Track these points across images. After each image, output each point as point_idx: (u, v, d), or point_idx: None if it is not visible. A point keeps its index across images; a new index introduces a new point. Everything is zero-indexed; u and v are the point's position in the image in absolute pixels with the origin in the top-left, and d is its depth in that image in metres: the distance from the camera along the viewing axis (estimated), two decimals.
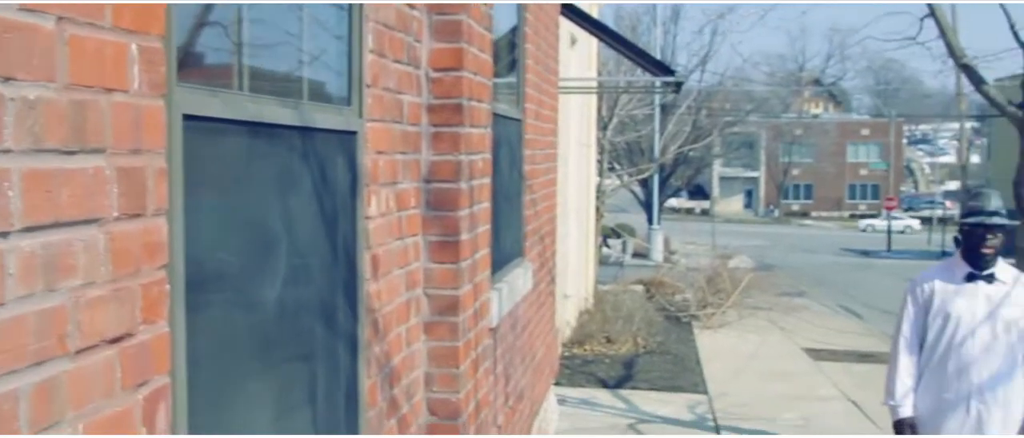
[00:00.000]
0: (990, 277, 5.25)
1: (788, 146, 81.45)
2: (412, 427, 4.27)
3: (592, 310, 14.41)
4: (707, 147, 40.26)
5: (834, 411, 10.78)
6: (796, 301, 19.23)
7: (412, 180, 4.15)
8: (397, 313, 4.00)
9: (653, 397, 10.95)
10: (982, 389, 5.20)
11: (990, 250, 5.21)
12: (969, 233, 5.27)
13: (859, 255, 45.44)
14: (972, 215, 5.26)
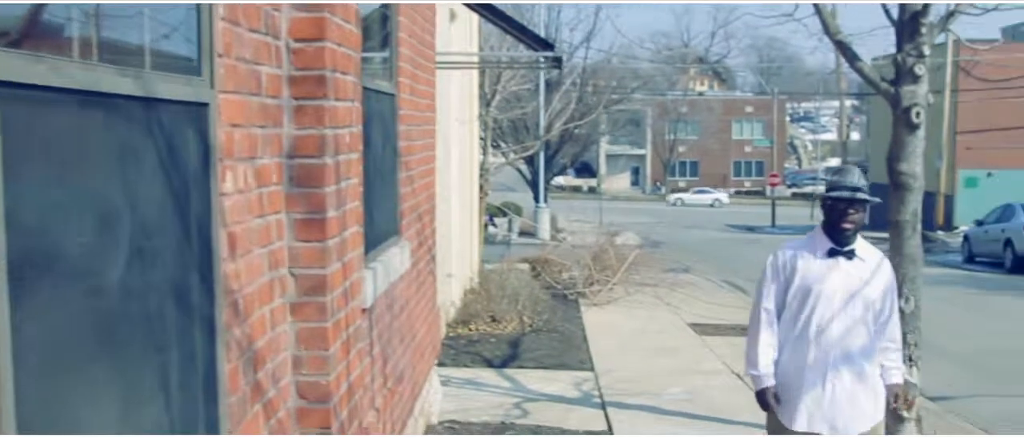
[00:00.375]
0: (851, 253, 5.24)
1: (674, 123, 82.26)
2: (280, 411, 4.10)
3: (477, 289, 14.30)
4: (593, 124, 40.40)
5: (719, 384, 10.85)
6: (682, 277, 19.38)
7: (273, 155, 3.97)
8: (260, 294, 3.82)
9: (539, 375, 10.89)
10: (840, 366, 5.19)
11: (850, 225, 5.19)
12: (831, 208, 5.24)
13: (744, 231, 46.09)
14: (834, 190, 5.24)
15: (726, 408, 9.69)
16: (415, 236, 7.02)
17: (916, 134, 8.09)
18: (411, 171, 6.73)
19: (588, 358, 12.07)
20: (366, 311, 5.17)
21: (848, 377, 5.19)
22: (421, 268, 7.40)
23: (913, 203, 8.04)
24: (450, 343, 12.07)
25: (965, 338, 14.75)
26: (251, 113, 3.68)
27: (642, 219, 29.19)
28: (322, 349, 4.29)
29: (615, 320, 15.04)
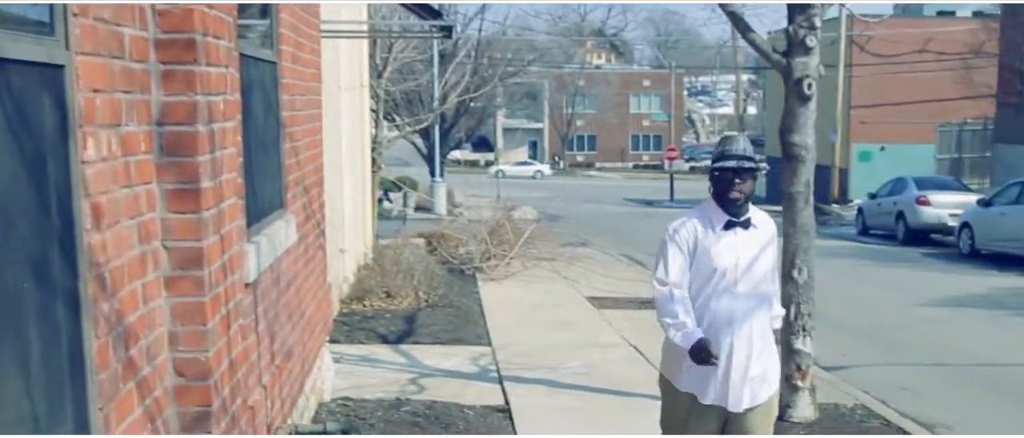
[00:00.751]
0: (747, 223, 5.13)
1: (571, 97, 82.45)
2: (156, 389, 3.92)
3: (372, 265, 14.09)
4: (489, 97, 40.26)
5: (617, 357, 10.83)
6: (580, 251, 19.38)
7: (141, 122, 3.77)
8: (130, 267, 3.63)
9: (436, 351, 10.76)
10: (744, 338, 5.07)
11: (739, 194, 5.06)
12: (719, 178, 5.10)
13: (642, 205, 46.39)
14: (721, 159, 5.10)
15: (624, 381, 9.66)
16: (302, 210, 6.84)
17: (808, 106, 8.12)
18: (296, 142, 6.53)
19: (485, 333, 11.97)
20: (249, 286, 5.00)
21: (752, 349, 5.10)
22: (309, 242, 7.22)
23: (805, 175, 8.08)
24: (344, 320, 11.87)
25: (859, 309, 14.97)
26: (114, 77, 3.48)
27: (540, 193, 29.21)
28: (200, 324, 4.12)
29: (513, 294, 14.96)
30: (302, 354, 6.79)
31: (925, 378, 10.75)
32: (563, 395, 9.07)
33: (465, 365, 10.21)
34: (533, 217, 20.11)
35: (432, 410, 7.93)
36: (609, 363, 10.46)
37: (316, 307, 7.52)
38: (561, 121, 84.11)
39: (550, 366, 10.19)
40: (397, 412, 7.82)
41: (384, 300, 12.92)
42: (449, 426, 7.49)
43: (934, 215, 26.56)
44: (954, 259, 22.68)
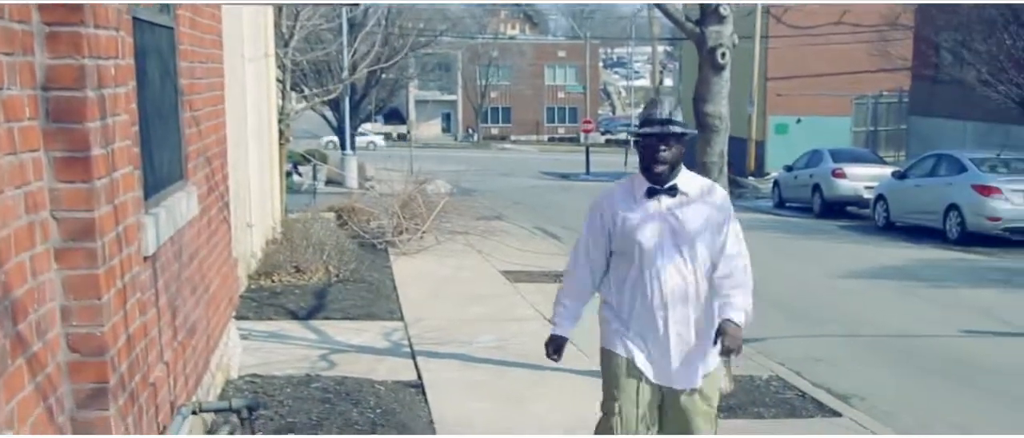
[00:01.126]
0: (673, 190, 4.81)
1: (485, 68, 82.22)
2: (49, 366, 3.72)
3: (280, 239, 13.81)
4: (401, 68, 39.88)
5: (530, 331, 10.72)
6: (494, 224, 19.28)
7: (25, 86, 3.55)
8: (16, 238, 3.42)
9: (347, 326, 10.57)
10: (674, 316, 4.82)
11: (664, 163, 4.75)
12: (644, 145, 4.81)
13: (558, 178, 46.47)
14: (645, 125, 4.80)
15: (537, 354, 9.44)
16: (204, 181, 6.61)
17: (722, 75, 8.07)
18: (196, 111, 6.29)
19: (397, 308, 11.81)
20: (148, 259, 4.79)
21: (682, 328, 4.84)
22: (213, 215, 6.99)
23: (719, 144, 8.05)
24: (252, 295, 11.62)
25: (775, 282, 15.03)
26: None
27: (454, 166, 29.00)
28: (94, 298, 3.93)
29: (426, 268, 14.80)
30: (207, 330, 6.59)
31: (840, 349, 10.83)
32: (476, 369, 8.96)
33: (377, 340, 10.05)
34: (447, 190, 19.91)
35: (343, 386, 7.76)
36: (523, 337, 10.35)
37: (221, 282, 7.30)
38: (475, 93, 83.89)
39: (463, 340, 10.07)
40: (307, 389, 7.63)
41: (293, 275, 12.67)
42: (360, 402, 7.33)
43: (850, 188, 26.85)
44: (870, 231, 22.98)
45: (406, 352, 9.58)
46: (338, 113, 35.05)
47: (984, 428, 7.98)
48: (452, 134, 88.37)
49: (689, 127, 4.93)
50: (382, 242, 16.50)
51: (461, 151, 68.31)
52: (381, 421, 6.97)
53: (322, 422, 6.76)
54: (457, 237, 17.29)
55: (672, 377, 4.88)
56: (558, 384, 8.45)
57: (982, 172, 20.79)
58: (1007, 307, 13.13)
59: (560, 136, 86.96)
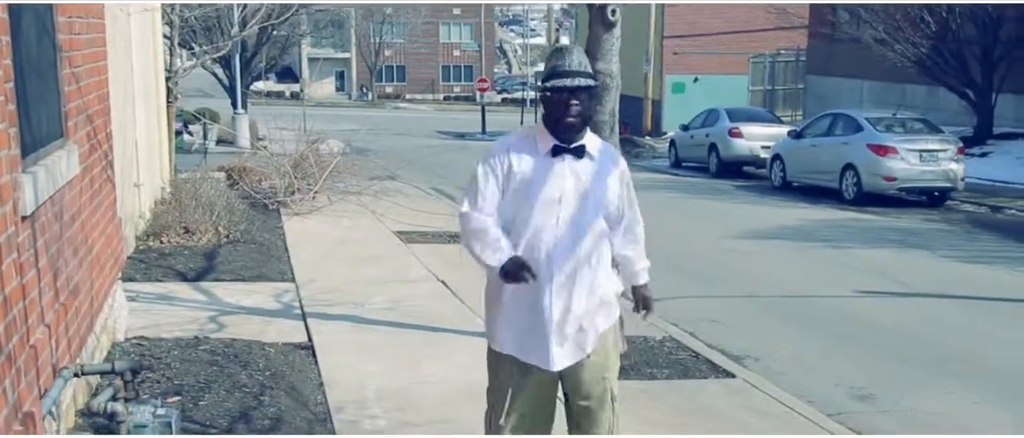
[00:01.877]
0: (580, 151, 4.48)
1: (379, 25, 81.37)
2: None
3: (169, 200, 13.54)
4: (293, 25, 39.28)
5: (423, 292, 10.72)
6: (388, 184, 19.17)
7: None
8: None
9: (237, 288, 10.42)
10: (572, 277, 4.47)
11: (575, 119, 4.41)
12: (551, 99, 4.44)
13: (454, 137, 46.37)
14: (554, 77, 4.41)
15: (430, 315, 9.56)
16: (86, 140, 6.43)
17: (612, 32, 8.06)
18: (76, 68, 6.11)
19: (289, 269, 11.68)
20: (27, 219, 4.66)
21: (579, 294, 4.50)
22: (96, 175, 6.81)
23: (611, 102, 8.04)
24: (140, 257, 11.39)
25: (671, 242, 15.16)
26: None
27: (347, 125, 28.69)
28: None
29: (318, 229, 14.67)
30: (91, 292, 6.44)
31: (736, 310, 10.97)
32: (368, 331, 8.91)
33: (267, 302, 9.93)
34: (339, 150, 19.71)
35: (231, 348, 7.66)
36: (416, 298, 10.33)
37: (105, 243, 7.14)
38: (369, 51, 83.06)
39: (355, 302, 10.00)
40: (195, 351, 7.51)
41: (183, 236, 12.45)
42: (249, 364, 7.24)
43: (746, 147, 27.01)
44: (766, 191, 23.24)
45: (297, 314, 9.49)
46: (229, 71, 34.45)
47: (874, 386, 8.15)
48: (346, 93, 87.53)
49: (597, 81, 4.70)
50: (274, 202, 16.31)
51: (355, 110, 67.64)
52: (270, 383, 6.89)
53: (210, 384, 6.66)
54: (350, 197, 17.15)
55: (564, 353, 4.54)
56: (451, 344, 8.46)
57: (878, 132, 21.05)
58: (901, 267, 13.41)
59: (456, 95, 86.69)
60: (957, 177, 20.45)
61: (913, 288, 12.11)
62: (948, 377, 8.49)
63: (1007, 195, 22.01)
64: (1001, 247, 15.64)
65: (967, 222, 18.47)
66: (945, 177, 20.40)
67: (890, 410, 7.66)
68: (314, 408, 6.72)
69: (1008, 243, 15.96)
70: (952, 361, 9.00)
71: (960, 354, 9.23)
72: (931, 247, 15.22)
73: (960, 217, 19.22)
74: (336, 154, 18.68)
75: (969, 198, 21.13)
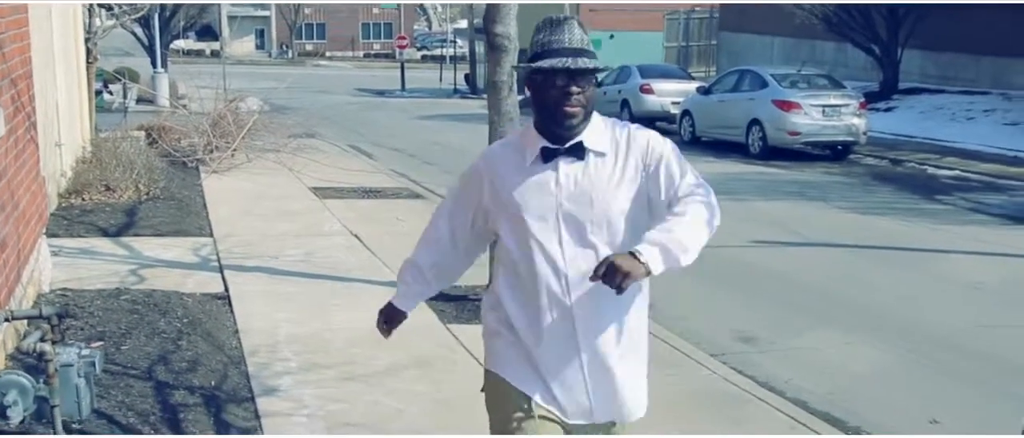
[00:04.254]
0: (578, 149, 3.37)
1: None
2: None
3: (90, 158, 13.83)
4: None
5: (336, 244, 11.18)
6: (306, 142, 19.47)
7: None
8: None
9: (157, 243, 10.81)
10: (587, 317, 3.36)
11: (577, 110, 3.33)
12: (542, 85, 3.34)
13: (374, 95, 46.48)
14: (545, 56, 3.32)
15: (342, 266, 10.04)
16: (10, 102, 6.81)
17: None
18: (0, 34, 6.49)
19: (207, 224, 12.08)
20: None
21: (601, 339, 3.39)
22: (20, 135, 7.20)
23: (508, 63, 8.47)
24: (62, 214, 11.72)
25: None
26: None
27: (267, 84, 28.88)
28: None
29: (236, 186, 15.04)
30: (17, 245, 6.83)
31: None
32: (283, 281, 9.36)
33: (186, 256, 10.34)
34: (258, 108, 19.99)
35: (151, 298, 8.08)
36: (330, 250, 10.80)
37: (30, 199, 7.52)
38: (289, 9, 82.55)
39: (271, 255, 10.44)
40: (116, 301, 7.93)
41: (104, 194, 12.78)
42: (168, 312, 7.68)
43: (657, 103, 27.34)
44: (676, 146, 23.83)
45: (214, 266, 9.91)
46: (148, 31, 34.40)
47: (759, 329, 8.74)
48: (266, 51, 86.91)
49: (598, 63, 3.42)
50: (193, 160, 16.63)
51: (275, 68, 67.25)
52: (188, 330, 7.34)
53: (131, 331, 7.09)
54: (268, 155, 17.50)
55: (590, 410, 3.45)
56: (358, 293, 8.95)
57: (783, 87, 21.60)
58: (797, 218, 13.99)
59: (376, 52, 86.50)
60: (859, 131, 21.16)
61: (806, 238, 12.68)
62: (827, 319, 9.10)
63: (908, 149, 22.86)
64: (897, 198, 16.33)
65: (867, 175, 19.19)
66: (847, 131, 21.10)
67: (767, 350, 8.24)
68: (229, 352, 7.17)
69: (904, 194, 16.68)
70: (834, 306, 9.60)
71: (842, 299, 9.85)
72: (828, 199, 15.91)
73: (861, 170, 19.91)
74: (255, 112, 18.97)
75: (872, 152, 21.88)
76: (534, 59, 3.36)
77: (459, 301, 8.78)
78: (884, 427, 6.43)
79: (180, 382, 6.27)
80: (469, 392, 6.45)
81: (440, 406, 6.26)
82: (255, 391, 6.36)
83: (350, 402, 6.24)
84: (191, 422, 5.66)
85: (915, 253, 12.02)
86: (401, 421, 5.95)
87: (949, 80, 29.37)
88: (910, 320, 9.02)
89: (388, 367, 6.91)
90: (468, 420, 5.94)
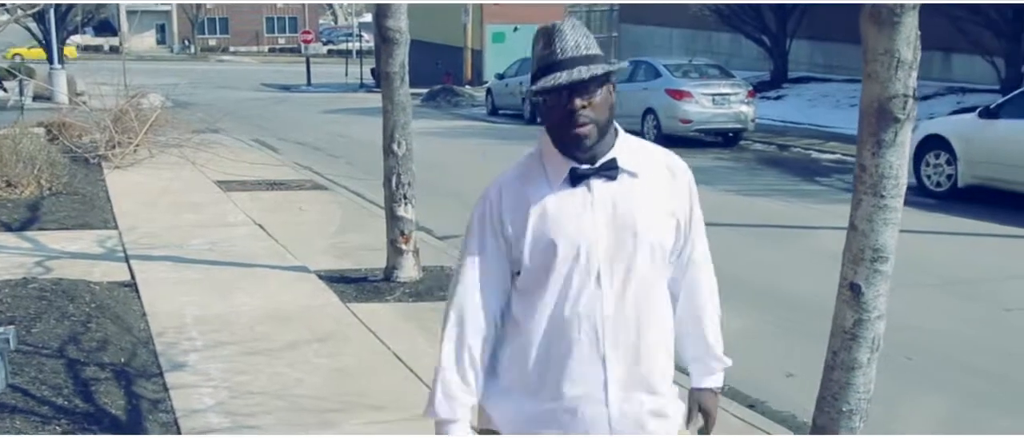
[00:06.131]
0: (610, 169, 2.90)
1: None
2: None
3: None
4: None
5: (240, 234, 11.54)
6: (210, 137, 19.71)
7: None
8: None
9: (62, 236, 11.09)
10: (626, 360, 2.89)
11: (587, 126, 2.86)
12: (549, 106, 2.92)
13: (279, 90, 46.55)
14: (543, 74, 2.89)
15: (246, 254, 10.43)
16: None
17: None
18: None
19: (112, 218, 12.36)
20: None
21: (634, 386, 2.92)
22: None
23: (400, 55, 8.96)
24: None
25: (481, 184, 16.08)
26: None
27: (169, 79, 28.91)
28: None
29: (140, 181, 15.30)
30: None
31: None
32: (187, 269, 9.71)
33: (92, 248, 10.63)
34: (160, 104, 20.16)
35: (59, 286, 8.38)
36: (233, 239, 11.17)
37: None
38: (190, 3, 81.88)
39: (176, 245, 10.77)
40: (24, 289, 8.21)
41: (5, 190, 12.98)
42: (76, 298, 8.00)
43: None
44: None
45: (120, 257, 10.22)
46: (44, 26, 34.17)
47: None
48: (168, 46, 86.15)
49: (612, 62, 3.08)
50: (95, 156, 16.82)
51: (177, 64, 66.91)
52: (96, 314, 7.68)
53: (41, 315, 7.42)
54: (172, 150, 17.76)
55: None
56: (262, 278, 9.36)
57: (675, 77, 22.37)
58: None
59: (281, 47, 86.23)
60: (747, 118, 21.99)
61: None
62: None
63: (795, 134, 23.80)
64: (781, 181, 17.08)
65: (755, 160, 19.99)
66: (736, 119, 21.91)
67: None
68: (137, 333, 7.54)
69: (787, 177, 17.45)
70: None
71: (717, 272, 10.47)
72: (713, 183, 16.49)
73: (750, 156, 20.71)
74: (157, 108, 19.16)
75: (761, 138, 22.76)
76: (537, 78, 2.92)
77: (358, 282, 9.28)
78: (745, 382, 7.01)
79: (91, 360, 6.64)
80: (364, 362, 6.99)
81: (338, 374, 6.71)
82: (163, 367, 6.75)
83: (253, 374, 6.65)
84: (103, 394, 6.04)
85: (790, 230, 12.71)
86: (301, 388, 6.38)
87: (835, 69, 30.43)
88: (776, 287, 9.67)
89: (290, 343, 7.35)
90: (364, 385, 6.46)
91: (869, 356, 4.55)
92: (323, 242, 11.16)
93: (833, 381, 4.62)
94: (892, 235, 4.48)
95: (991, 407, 6.54)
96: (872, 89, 4.40)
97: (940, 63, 27.97)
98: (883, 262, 4.47)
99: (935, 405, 6.58)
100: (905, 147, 4.43)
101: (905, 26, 4.26)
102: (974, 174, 14.21)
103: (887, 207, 4.44)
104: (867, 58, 4.38)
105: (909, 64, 4.32)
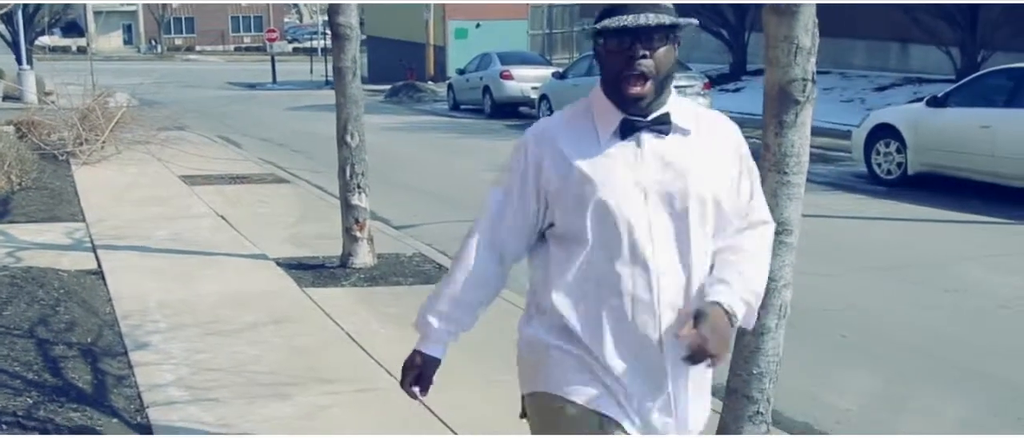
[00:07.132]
0: (663, 123, 2.82)
1: None
2: None
3: None
4: None
5: (204, 225, 11.89)
6: (176, 134, 19.99)
7: None
8: None
9: (31, 228, 11.41)
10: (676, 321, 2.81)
11: (647, 80, 2.74)
12: (606, 49, 2.80)
13: (245, 88, 46.73)
14: (608, 15, 2.76)
15: (208, 243, 10.79)
16: None
17: None
18: None
19: (80, 211, 12.67)
20: None
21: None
22: None
23: (351, 51, 9.35)
24: None
25: (438, 176, 16.57)
26: None
27: (136, 79, 29.13)
28: None
29: (107, 176, 15.62)
30: None
31: None
32: (153, 258, 10.07)
33: (60, 239, 10.96)
34: (127, 103, 20.45)
35: (29, 273, 8.72)
36: (197, 231, 11.52)
37: None
38: (156, 3, 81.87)
39: (142, 236, 11.11)
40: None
41: None
42: (45, 285, 8.35)
43: (517, 88, 28.56)
44: None
45: (88, 247, 10.57)
46: (11, 27, 34.36)
47: None
48: (134, 46, 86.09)
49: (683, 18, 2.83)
50: (63, 153, 17.13)
51: (144, 63, 66.79)
52: (65, 298, 8.04)
53: (11, 300, 7.76)
54: (138, 147, 18.07)
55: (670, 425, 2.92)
56: (223, 265, 9.74)
57: None
58: None
59: (247, 45, 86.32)
60: None
61: None
62: None
63: (752, 125, 23.78)
64: None
65: None
66: None
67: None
68: (104, 316, 7.90)
69: None
70: None
71: None
72: None
73: None
74: (123, 106, 19.46)
75: None
76: (600, 19, 2.78)
77: (315, 269, 9.66)
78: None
79: (60, 340, 7.01)
80: (319, 341, 7.38)
81: (294, 352, 7.10)
82: (128, 347, 7.12)
83: (214, 352, 7.03)
84: (71, 370, 6.42)
85: None
86: (258, 365, 6.77)
87: None
88: None
89: (249, 324, 7.73)
90: (317, 361, 6.86)
91: (776, 321, 4.92)
92: (283, 232, 11.53)
93: (744, 345, 4.98)
94: (796, 210, 4.87)
95: (915, 383, 6.95)
96: (774, 74, 4.83)
97: (897, 54, 28.60)
98: (788, 235, 4.86)
99: (860, 379, 6.99)
100: (806, 127, 4.85)
101: (803, 15, 4.69)
102: (923, 161, 14.68)
103: (790, 183, 4.85)
104: (768, 45, 4.81)
105: (807, 50, 4.74)
